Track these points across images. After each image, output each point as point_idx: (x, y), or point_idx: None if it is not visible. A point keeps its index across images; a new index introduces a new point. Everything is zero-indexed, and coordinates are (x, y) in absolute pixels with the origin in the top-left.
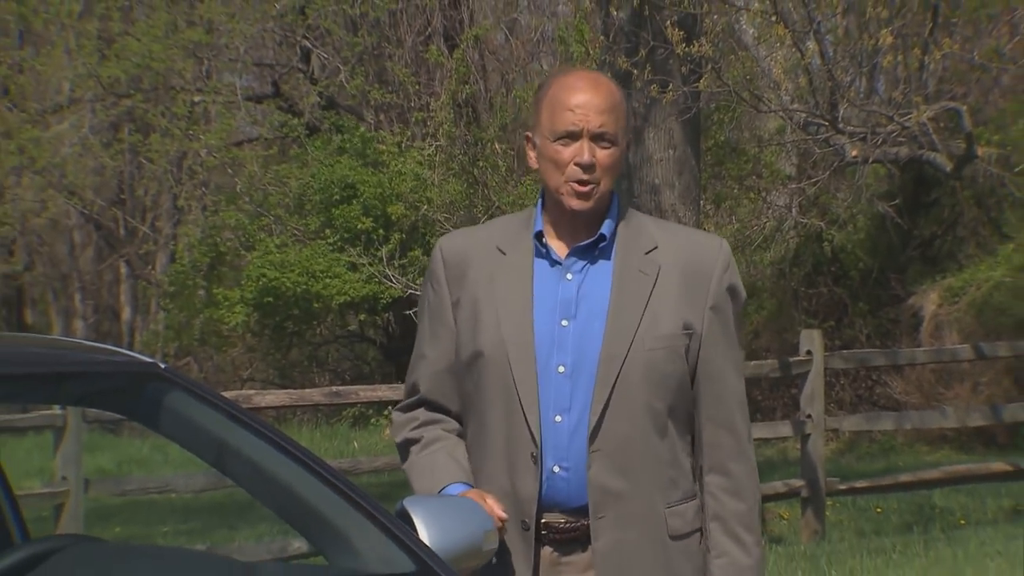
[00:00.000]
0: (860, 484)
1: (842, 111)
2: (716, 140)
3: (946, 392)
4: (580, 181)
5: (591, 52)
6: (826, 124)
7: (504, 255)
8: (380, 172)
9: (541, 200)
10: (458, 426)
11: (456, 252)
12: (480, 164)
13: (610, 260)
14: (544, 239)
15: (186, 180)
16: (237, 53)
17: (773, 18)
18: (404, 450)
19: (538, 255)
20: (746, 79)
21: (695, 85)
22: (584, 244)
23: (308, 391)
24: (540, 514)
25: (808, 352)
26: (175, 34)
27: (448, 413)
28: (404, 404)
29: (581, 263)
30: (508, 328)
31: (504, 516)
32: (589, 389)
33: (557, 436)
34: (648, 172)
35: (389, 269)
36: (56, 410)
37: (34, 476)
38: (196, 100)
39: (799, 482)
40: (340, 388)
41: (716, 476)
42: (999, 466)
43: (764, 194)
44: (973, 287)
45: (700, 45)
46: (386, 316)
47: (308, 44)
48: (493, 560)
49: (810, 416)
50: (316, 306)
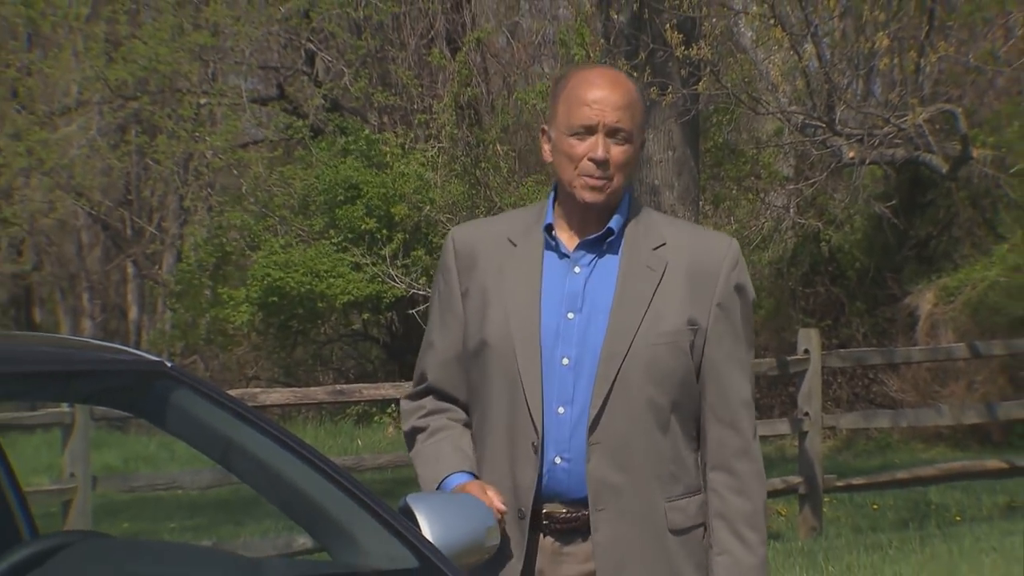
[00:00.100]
0: (857, 481)
1: (839, 113)
2: (715, 141)
3: (942, 390)
4: (592, 175)
5: (592, 55)
6: (823, 126)
7: (515, 247)
8: (383, 173)
9: (554, 193)
10: (465, 416)
11: (467, 242)
12: (482, 165)
13: (617, 255)
14: (554, 232)
15: (192, 181)
16: (242, 56)
17: (771, 21)
18: (410, 438)
19: (548, 247)
20: (744, 82)
21: (694, 87)
22: (592, 238)
23: (312, 389)
24: (541, 504)
25: (806, 351)
26: (181, 37)
27: (455, 402)
28: (412, 392)
29: (589, 257)
30: (515, 319)
31: (503, 508)
32: (591, 382)
33: (559, 427)
34: (648, 173)
35: (392, 269)
36: (64, 408)
37: (42, 473)
38: (202, 102)
39: (797, 479)
40: (344, 386)
41: (720, 474)
42: (994, 463)
43: (762, 195)
44: (968, 287)
45: (699, 48)
46: (389, 315)
47: (312, 47)
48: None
49: (807, 414)
50: (320, 305)
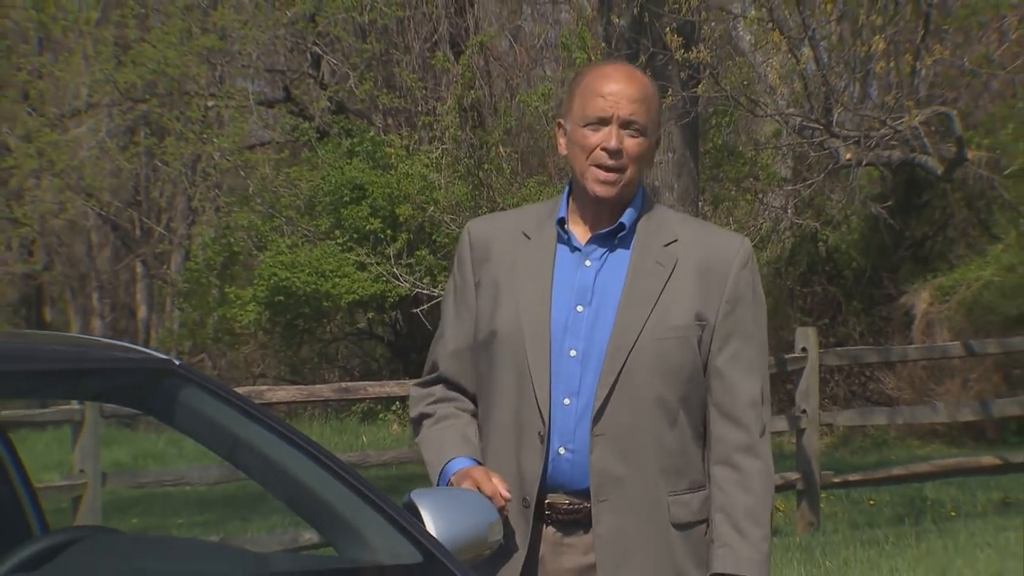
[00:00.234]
0: (854, 477)
1: (836, 115)
2: (714, 143)
3: (937, 388)
4: (605, 167)
5: (593, 58)
6: (821, 128)
7: (528, 239)
8: (388, 174)
9: (569, 187)
10: (472, 407)
11: (482, 235)
12: (485, 167)
13: (629, 250)
14: (567, 225)
15: (200, 182)
16: (249, 59)
17: (769, 25)
18: (417, 424)
19: (560, 241)
20: (743, 84)
21: (694, 90)
22: (604, 232)
23: (318, 387)
24: (544, 494)
25: (803, 349)
26: (189, 41)
27: (465, 393)
28: (422, 381)
29: (601, 251)
30: (525, 310)
31: (508, 496)
32: (596, 375)
33: (565, 418)
34: (648, 174)
35: (397, 268)
36: (74, 405)
37: (53, 469)
38: (210, 105)
39: (795, 475)
40: (349, 384)
41: (723, 469)
42: (988, 460)
43: (760, 196)
44: (963, 286)
45: (698, 51)
46: (394, 314)
47: (318, 50)
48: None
49: (805, 411)
50: (326, 304)
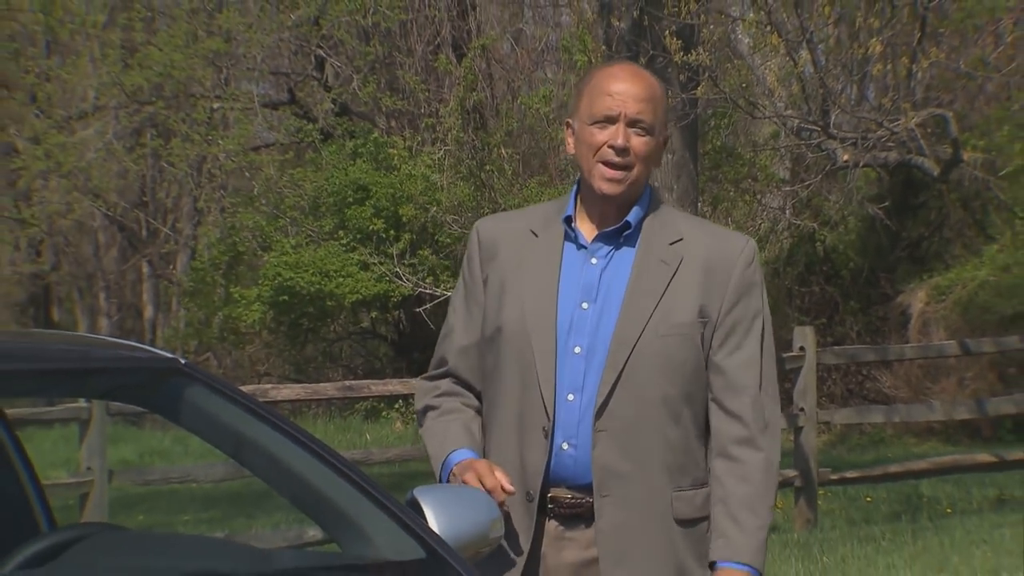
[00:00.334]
0: (851, 474)
1: (834, 117)
2: (713, 145)
3: (933, 386)
4: (612, 164)
5: (593, 61)
6: (818, 130)
7: (536, 237)
8: (391, 175)
9: (577, 186)
10: (478, 404)
11: (491, 234)
12: (487, 168)
13: (634, 248)
14: (574, 223)
15: (205, 183)
16: (254, 62)
17: (767, 28)
18: (422, 415)
19: (567, 239)
20: (742, 87)
21: (693, 92)
22: (610, 230)
23: (322, 385)
24: (547, 488)
25: (801, 348)
26: (195, 44)
27: (471, 389)
28: (430, 374)
29: (606, 248)
30: (531, 307)
31: (511, 488)
32: (600, 371)
33: (568, 414)
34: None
35: (399, 268)
36: (81, 403)
37: (60, 466)
38: (215, 107)
39: (792, 472)
40: (353, 383)
41: (721, 461)
42: (984, 457)
43: (759, 196)
44: (959, 286)
45: (698, 54)
46: (397, 313)
47: (322, 53)
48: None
49: (803, 409)
50: (330, 304)
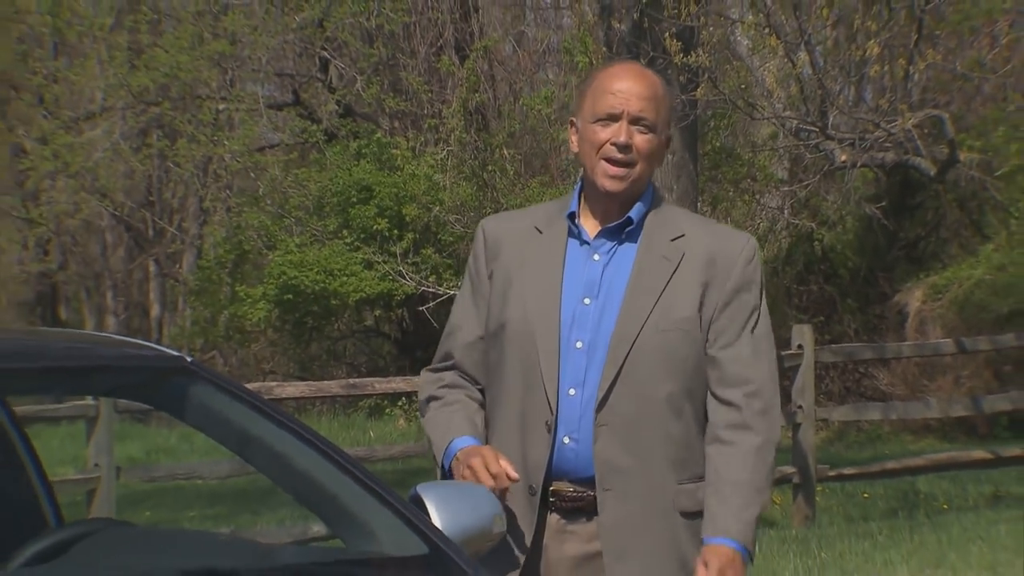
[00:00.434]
0: (848, 471)
1: (832, 118)
2: (712, 145)
3: (930, 384)
4: (614, 161)
5: (594, 63)
6: (816, 130)
7: (540, 233)
8: (395, 175)
9: (581, 184)
10: (481, 398)
11: (496, 231)
12: (489, 168)
13: (636, 244)
14: (577, 220)
15: (211, 183)
16: (259, 63)
17: (766, 30)
18: (425, 406)
19: (571, 235)
20: (741, 88)
21: (693, 93)
22: (612, 226)
23: (326, 383)
24: (549, 482)
25: (799, 346)
26: (201, 46)
27: (475, 383)
28: (435, 366)
29: (609, 245)
30: (535, 302)
31: (516, 476)
32: (601, 366)
33: (570, 408)
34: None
35: (403, 267)
36: (89, 401)
37: (68, 463)
38: (221, 108)
39: (791, 469)
40: (356, 380)
41: (713, 446)
42: (980, 454)
43: (758, 196)
44: (955, 285)
45: (697, 56)
46: (400, 312)
47: (326, 55)
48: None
49: (801, 407)
50: (334, 303)
